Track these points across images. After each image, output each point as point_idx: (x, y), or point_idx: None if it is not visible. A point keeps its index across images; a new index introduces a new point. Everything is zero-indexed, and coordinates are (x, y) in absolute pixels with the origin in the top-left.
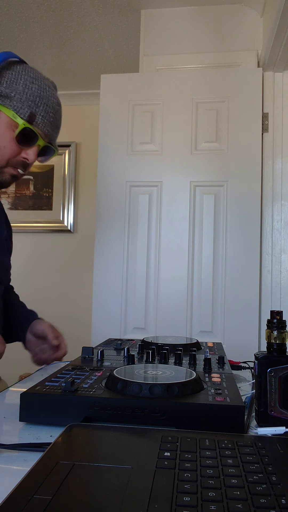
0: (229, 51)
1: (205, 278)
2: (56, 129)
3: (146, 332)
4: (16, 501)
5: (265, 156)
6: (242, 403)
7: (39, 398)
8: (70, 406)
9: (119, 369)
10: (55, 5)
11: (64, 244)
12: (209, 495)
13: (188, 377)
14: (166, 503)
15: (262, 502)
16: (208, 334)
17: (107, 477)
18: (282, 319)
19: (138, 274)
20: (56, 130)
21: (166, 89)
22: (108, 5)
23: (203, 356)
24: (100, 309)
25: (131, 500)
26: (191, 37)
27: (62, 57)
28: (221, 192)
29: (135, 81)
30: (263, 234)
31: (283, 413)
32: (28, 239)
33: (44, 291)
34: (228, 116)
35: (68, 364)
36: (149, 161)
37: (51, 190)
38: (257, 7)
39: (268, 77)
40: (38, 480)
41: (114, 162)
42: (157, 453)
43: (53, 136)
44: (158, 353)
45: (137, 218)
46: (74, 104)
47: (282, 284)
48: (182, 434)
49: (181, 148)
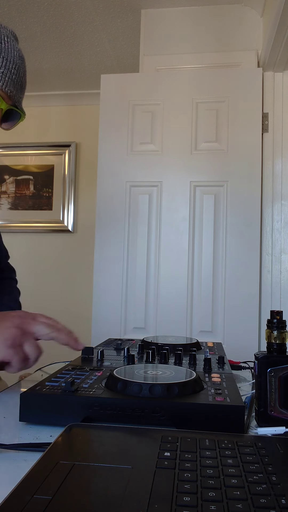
0: (229, 51)
1: (205, 278)
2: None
3: (146, 332)
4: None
5: (265, 156)
6: (242, 403)
7: (39, 398)
8: (70, 406)
9: (119, 369)
10: (55, 5)
11: (64, 244)
12: (209, 495)
13: (188, 377)
14: (166, 503)
15: (262, 502)
16: (208, 334)
17: (107, 477)
18: (282, 319)
19: (138, 274)
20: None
21: (166, 89)
22: (108, 5)
23: (203, 356)
24: (100, 309)
25: (131, 500)
26: (191, 37)
27: (62, 57)
28: (221, 192)
29: (135, 81)
30: (263, 234)
31: (283, 413)
32: (28, 239)
33: (44, 291)
34: (228, 116)
35: (68, 364)
36: (149, 161)
37: (51, 190)
38: (257, 7)
39: (268, 77)
40: (38, 480)
41: (114, 162)
42: (157, 453)
43: (17, 97)
44: (158, 353)
45: (137, 218)
46: (74, 104)
47: (282, 284)
48: (182, 434)
49: (181, 148)
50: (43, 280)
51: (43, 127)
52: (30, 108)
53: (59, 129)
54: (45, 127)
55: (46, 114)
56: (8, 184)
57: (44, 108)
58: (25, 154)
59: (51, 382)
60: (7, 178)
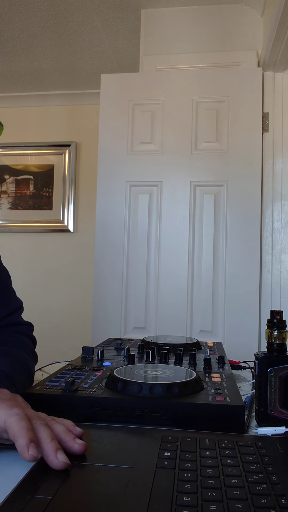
0: (229, 50)
1: (205, 277)
2: None
3: (146, 331)
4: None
5: (265, 156)
6: (242, 403)
7: (39, 398)
8: (70, 406)
9: (119, 369)
10: (55, 5)
11: (64, 244)
12: (209, 495)
13: (188, 377)
14: (166, 503)
15: (262, 502)
16: (208, 334)
17: (107, 477)
18: (282, 319)
19: (138, 274)
20: None
21: (166, 89)
22: (108, 5)
23: (203, 356)
24: (100, 309)
25: (131, 500)
26: (191, 36)
27: (62, 57)
28: (221, 192)
29: (135, 81)
30: (263, 234)
31: (283, 413)
32: (28, 239)
33: (44, 291)
34: (228, 116)
35: (68, 364)
36: (149, 161)
37: (51, 190)
38: (257, 7)
39: (268, 77)
40: (38, 480)
41: (114, 162)
42: (157, 453)
43: None
44: (158, 353)
45: (137, 218)
46: (74, 104)
47: (282, 284)
48: (182, 434)
49: (181, 148)
50: (43, 280)
51: (43, 127)
52: (30, 108)
53: (59, 129)
54: (45, 127)
55: (46, 114)
56: (8, 183)
57: (44, 108)
58: (25, 154)
59: (51, 382)
60: (7, 178)
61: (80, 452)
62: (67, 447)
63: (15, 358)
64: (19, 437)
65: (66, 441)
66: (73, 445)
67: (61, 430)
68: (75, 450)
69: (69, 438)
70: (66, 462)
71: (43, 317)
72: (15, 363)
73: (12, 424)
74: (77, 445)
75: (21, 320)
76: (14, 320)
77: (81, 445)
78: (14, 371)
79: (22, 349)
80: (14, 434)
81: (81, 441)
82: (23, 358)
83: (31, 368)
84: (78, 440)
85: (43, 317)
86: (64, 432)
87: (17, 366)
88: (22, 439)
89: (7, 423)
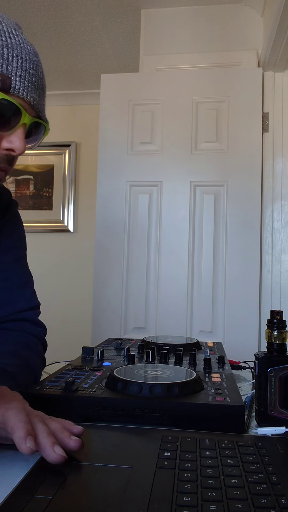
0: (229, 50)
1: (205, 277)
2: (43, 93)
3: (146, 331)
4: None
5: (265, 156)
6: (242, 403)
7: (39, 398)
8: (70, 406)
9: (119, 369)
10: (55, 5)
11: (64, 244)
12: (209, 495)
13: (188, 377)
14: (166, 503)
15: (262, 502)
16: (208, 334)
17: (107, 477)
18: (282, 319)
19: (138, 274)
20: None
21: (166, 89)
22: (108, 5)
23: (203, 356)
24: (100, 309)
25: (131, 500)
26: (191, 36)
27: (62, 57)
28: (221, 192)
29: (135, 81)
30: (263, 234)
31: (283, 413)
32: (28, 239)
33: (44, 291)
34: (228, 116)
35: (68, 364)
36: (149, 161)
37: (51, 190)
38: (257, 7)
39: (268, 77)
40: (38, 480)
41: (114, 162)
42: (157, 453)
43: (40, 104)
44: (158, 353)
45: (137, 217)
46: (74, 104)
47: (282, 284)
48: (182, 434)
49: (181, 148)
50: (43, 280)
51: None
52: None
53: (59, 129)
54: None
55: (46, 114)
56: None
57: None
58: (25, 153)
59: (51, 382)
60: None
61: (75, 448)
62: (62, 444)
63: (25, 361)
64: (17, 429)
65: (62, 438)
66: (69, 442)
67: (57, 427)
68: (71, 446)
69: (65, 435)
70: (63, 455)
71: (43, 317)
72: (24, 367)
73: (11, 417)
74: (73, 442)
75: (38, 320)
76: (32, 317)
77: (76, 441)
78: (20, 374)
79: (34, 353)
80: (12, 426)
81: (76, 438)
82: (32, 362)
83: (38, 374)
84: (73, 437)
85: (43, 317)
86: (60, 430)
87: (25, 370)
88: (19, 431)
89: (5, 416)
